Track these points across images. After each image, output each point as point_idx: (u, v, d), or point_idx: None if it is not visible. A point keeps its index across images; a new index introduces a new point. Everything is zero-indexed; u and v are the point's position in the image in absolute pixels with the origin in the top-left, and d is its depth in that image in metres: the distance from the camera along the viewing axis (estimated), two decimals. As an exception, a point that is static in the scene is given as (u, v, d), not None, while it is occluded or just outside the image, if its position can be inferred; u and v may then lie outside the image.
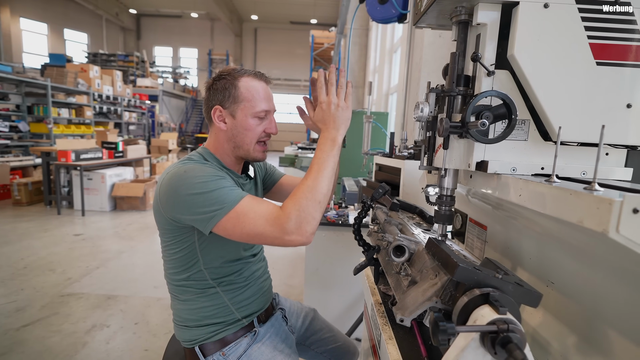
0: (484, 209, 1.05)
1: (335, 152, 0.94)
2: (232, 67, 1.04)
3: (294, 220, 0.84)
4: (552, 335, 0.74)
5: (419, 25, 0.94)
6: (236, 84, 0.99)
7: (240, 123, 1.00)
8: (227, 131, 1.01)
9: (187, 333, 1.05)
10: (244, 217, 0.86)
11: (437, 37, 1.82)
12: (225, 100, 0.99)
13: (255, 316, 1.10)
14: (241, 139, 1.02)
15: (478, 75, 0.78)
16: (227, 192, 0.88)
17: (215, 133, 1.04)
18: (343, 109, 0.96)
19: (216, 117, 1.01)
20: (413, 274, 0.74)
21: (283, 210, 0.85)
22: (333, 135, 0.94)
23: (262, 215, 0.85)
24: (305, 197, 0.86)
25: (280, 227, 0.84)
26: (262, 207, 0.87)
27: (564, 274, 0.73)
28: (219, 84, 0.99)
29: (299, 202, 0.85)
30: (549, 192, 0.61)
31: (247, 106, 1.00)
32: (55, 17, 15.63)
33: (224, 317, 1.04)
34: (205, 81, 1.05)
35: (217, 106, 1.00)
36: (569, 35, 0.71)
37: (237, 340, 1.04)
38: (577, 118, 0.73)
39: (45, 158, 5.44)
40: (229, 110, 1.00)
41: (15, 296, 2.77)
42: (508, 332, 0.51)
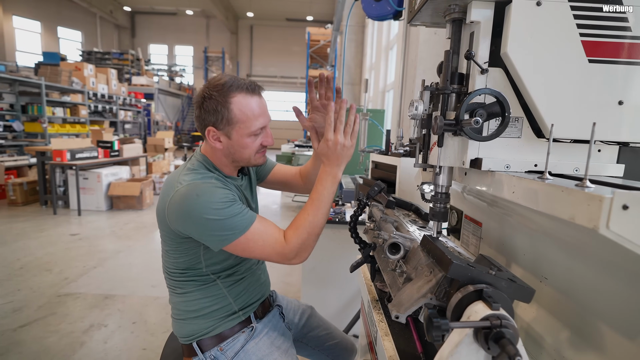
0: (479, 206, 1.06)
1: (335, 187, 1.02)
2: (220, 80, 0.96)
3: (296, 251, 0.97)
4: (545, 330, 0.75)
5: (414, 23, 0.94)
6: (228, 106, 0.94)
7: (236, 142, 0.99)
8: (224, 149, 1.01)
9: (185, 327, 1.05)
10: (253, 243, 0.94)
11: (433, 34, 1.82)
12: (219, 122, 0.96)
13: (253, 310, 1.11)
14: (239, 155, 1.02)
15: (472, 73, 0.78)
16: (239, 219, 0.93)
17: (211, 146, 1.02)
18: (348, 148, 1.00)
19: (211, 137, 0.99)
20: (408, 271, 0.74)
21: (287, 243, 0.96)
22: (335, 172, 1.01)
23: (270, 244, 0.95)
24: (307, 232, 0.98)
25: (283, 256, 0.96)
26: (269, 234, 0.96)
27: (557, 270, 0.74)
28: (210, 105, 0.94)
29: (301, 237, 0.97)
30: (541, 189, 0.62)
31: (242, 127, 0.97)
32: (49, 15, 15.47)
33: (222, 309, 1.05)
34: (196, 94, 1.01)
35: (211, 127, 0.97)
36: (561, 32, 0.72)
37: (234, 335, 1.05)
38: (570, 115, 0.74)
39: (40, 158, 5.40)
40: (223, 132, 0.98)
41: (12, 297, 2.76)
42: (501, 327, 0.51)
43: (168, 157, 8.53)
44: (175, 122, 17.84)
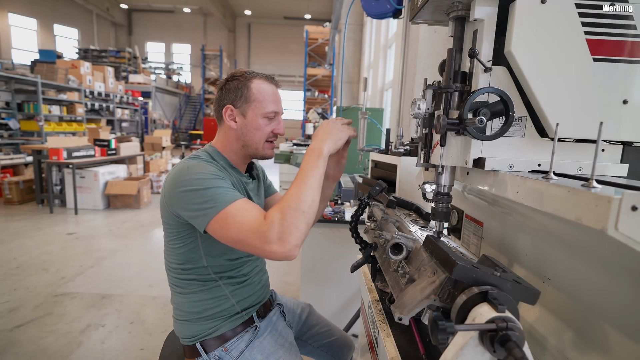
0: (480, 206, 1.05)
1: (320, 163, 0.93)
2: (245, 69, 1.07)
3: (276, 228, 0.82)
4: (548, 331, 0.74)
5: (415, 20, 0.93)
6: (248, 85, 1.03)
7: (250, 122, 1.04)
8: (237, 130, 1.05)
9: (188, 328, 1.04)
10: (231, 220, 0.85)
11: (433, 32, 1.81)
12: (237, 99, 1.03)
13: (255, 310, 1.11)
14: (250, 137, 1.06)
15: (475, 71, 0.77)
16: (222, 192, 0.89)
17: (225, 132, 1.07)
18: (336, 125, 1.01)
19: (227, 116, 1.04)
20: (411, 272, 0.73)
21: (266, 218, 0.84)
22: (318, 146, 0.96)
23: (248, 221, 0.84)
24: (288, 206, 0.85)
25: (262, 235, 0.82)
26: (251, 213, 0.86)
27: (560, 270, 0.73)
28: (232, 84, 1.03)
29: (282, 210, 0.84)
30: (546, 189, 0.61)
31: (258, 106, 1.04)
32: (45, 12, 15.35)
33: (225, 310, 1.05)
34: (217, 81, 1.10)
35: (229, 105, 1.04)
36: (565, 31, 0.71)
37: (238, 335, 1.05)
38: (574, 114, 0.73)
39: (36, 156, 5.36)
40: (240, 110, 1.04)
41: (8, 296, 2.73)
42: (507, 330, 0.51)
43: (165, 155, 8.49)
44: (172, 120, 17.77)
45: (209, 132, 13.96)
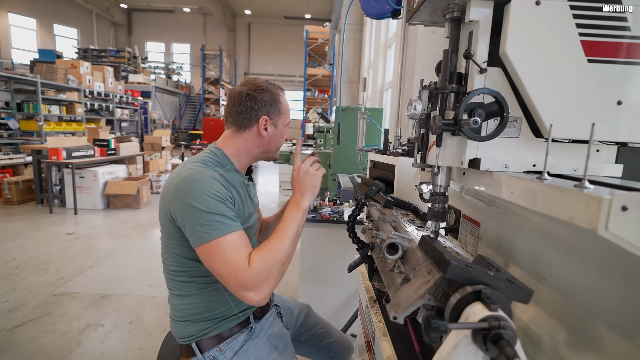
0: (477, 206, 1.06)
1: (300, 215, 1.02)
2: (263, 80, 1.14)
3: (255, 278, 0.88)
4: (543, 331, 0.75)
5: (412, 21, 0.94)
6: (279, 98, 1.13)
7: (279, 132, 1.15)
8: (266, 138, 1.11)
9: (185, 328, 1.05)
10: (219, 254, 0.89)
11: (431, 33, 1.81)
12: (272, 111, 1.11)
13: (252, 311, 1.11)
14: (275, 144, 1.15)
15: (470, 72, 0.78)
16: (221, 220, 0.91)
17: (248, 138, 1.10)
18: (308, 175, 1.06)
19: (261, 125, 1.10)
20: (406, 272, 0.74)
21: (250, 266, 0.89)
22: (298, 200, 1.04)
23: (233, 261, 0.89)
24: (272, 256, 0.92)
25: (241, 282, 0.88)
26: (239, 253, 0.90)
27: (555, 270, 0.73)
28: (265, 96, 1.09)
29: (265, 262, 0.90)
30: (540, 190, 0.62)
31: (284, 117, 1.15)
32: (45, 12, 15.35)
33: (222, 312, 1.05)
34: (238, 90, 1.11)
35: (265, 116, 1.10)
36: (560, 32, 0.71)
37: (233, 336, 1.06)
38: (568, 115, 0.74)
39: (36, 156, 5.36)
40: (273, 121, 1.12)
41: (7, 296, 2.74)
42: (499, 329, 0.51)
43: (165, 155, 8.49)
44: (172, 120, 17.77)
45: (208, 132, 13.96)
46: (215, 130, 13.95)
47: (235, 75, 20.61)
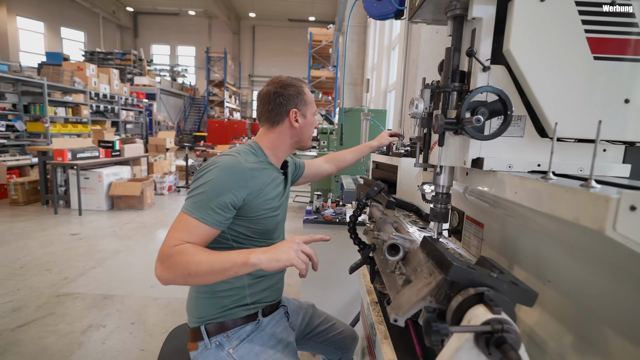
0: (480, 207, 1.04)
1: (239, 264, 0.87)
2: (286, 77, 1.20)
3: (167, 257, 0.89)
4: (549, 335, 0.73)
5: (414, 20, 0.93)
6: (304, 90, 1.20)
7: (308, 121, 1.21)
8: (298, 129, 1.18)
9: (199, 306, 1.09)
10: (177, 223, 0.94)
11: (434, 33, 1.80)
12: (299, 103, 1.18)
13: (262, 307, 1.15)
14: (307, 134, 1.22)
15: (473, 70, 0.77)
16: (205, 208, 0.95)
17: (281, 132, 1.17)
18: (290, 252, 0.89)
19: (292, 118, 1.17)
20: (407, 273, 0.72)
21: (175, 246, 0.90)
22: (253, 255, 0.88)
23: (174, 235, 0.92)
24: (187, 261, 0.87)
25: (161, 251, 0.91)
26: (183, 236, 0.92)
27: (560, 272, 0.72)
28: (291, 91, 1.16)
29: (182, 256, 0.88)
30: (545, 189, 0.60)
31: (311, 107, 1.22)
32: (52, 16, 15.54)
33: (236, 296, 1.10)
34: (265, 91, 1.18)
35: (294, 109, 1.17)
36: (565, 29, 0.70)
37: (241, 325, 1.10)
38: (574, 114, 0.72)
39: (41, 157, 5.40)
40: (301, 112, 1.19)
41: (11, 296, 2.75)
42: (502, 332, 0.49)
43: (169, 157, 8.53)
44: (177, 122, 17.86)
45: (212, 134, 14.02)
46: (219, 132, 14.01)
47: (239, 77, 20.69)
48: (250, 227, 1.08)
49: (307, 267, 0.91)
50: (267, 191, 1.09)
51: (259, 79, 21.42)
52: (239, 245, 1.08)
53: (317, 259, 0.95)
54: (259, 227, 1.10)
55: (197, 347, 1.07)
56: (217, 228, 0.97)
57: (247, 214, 1.05)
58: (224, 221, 0.98)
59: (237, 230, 1.07)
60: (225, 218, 0.98)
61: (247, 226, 1.07)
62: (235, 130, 14.02)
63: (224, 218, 0.98)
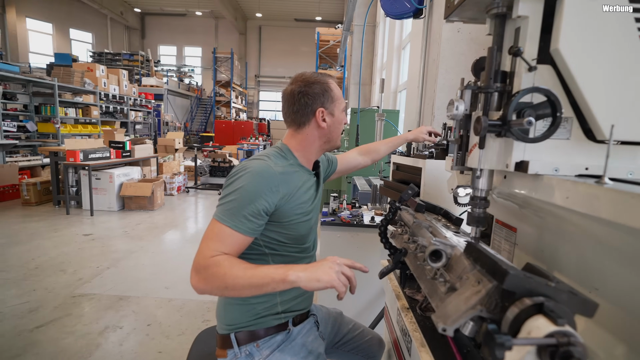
0: (512, 210, 1.01)
1: (277, 281, 0.86)
2: (310, 73, 1.14)
3: (204, 268, 0.88)
4: (597, 345, 0.70)
5: (451, 19, 0.90)
6: (330, 87, 1.12)
7: (337, 119, 1.15)
8: (326, 128, 1.13)
9: (229, 313, 1.06)
10: (210, 231, 0.93)
11: (456, 32, 1.77)
12: (326, 101, 1.11)
13: (293, 316, 1.12)
14: (336, 132, 1.16)
15: (517, 70, 0.74)
16: (238, 216, 0.93)
17: (308, 133, 1.12)
18: (329, 268, 0.88)
19: (319, 118, 1.11)
20: (452, 280, 0.70)
21: (212, 258, 0.89)
22: (292, 273, 0.85)
23: (208, 245, 0.91)
24: (224, 274, 0.86)
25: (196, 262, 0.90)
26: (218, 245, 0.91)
27: (610, 280, 0.69)
28: (317, 88, 1.10)
29: (219, 269, 0.87)
30: (603, 195, 0.57)
31: (339, 103, 1.15)
32: (61, 17, 15.71)
33: (267, 304, 1.06)
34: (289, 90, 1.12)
35: (321, 108, 1.10)
36: (617, 27, 0.67)
37: (271, 335, 1.07)
38: (626, 115, 0.69)
39: (53, 158, 5.45)
40: (329, 110, 1.12)
41: (27, 297, 2.77)
42: (569, 345, 0.47)
43: (178, 157, 8.57)
44: (184, 122, 17.96)
45: (220, 134, 14.07)
46: (226, 132, 14.06)
47: (246, 77, 20.73)
48: (283, 232, 1.05)
49: (346, 290, 0.89)
50: (299, 195, 1.06)
51: (266, 79, 21.44)
52: (271, 252, 1.06)
53: (356, 282, 0.91)
54: (291, 233, 1.07)
55: (226, 355, 1.05)
56: (250, 236, 0.95)
57: (280, 219, 1.02)
58: (257, 228, 0.97)
59: (270, 237, 1.04)
60: (258, 225, 0.97)
61: (280, 231, 1.05)
62: (242, 130, 14.05)
63: (257, 225, 0.96)
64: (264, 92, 22.03)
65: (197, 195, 7.10)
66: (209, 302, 2.72)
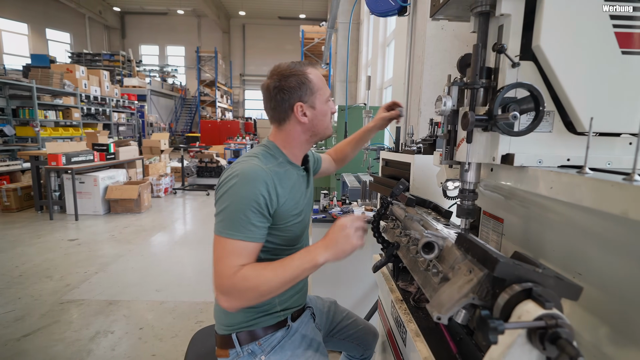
0: (498, 202, 1.05)
1: (309, 268, 0.90)
2: (287, 63, 1.07)
3: (230, 289, 0.88)
4: (582, 327, 0.74)
5: (437, 17, 0.93)
6: (308, 77, 1.04)
7: (319, 111, 1.08)
8: (308, 123, 1.07)
9: (228, 315, 1.05)
10: (220, 249, 0.90)
11: (440, 29, 1.80)
12: (305, 94, 1.04)
13: (291, 312, 1.13)
14: (320, 125, 1.09)
15: (502, 67, 0.77)
16: (241, 222, 0.91)
17: (290, 129, 1.07)
18: (348, 238, 0.92)
19: (298, 113, 1.05)
20: (444, 271, 0.73)
21: (232, 275, 0.87)
22: (317, 253, 0.90)
23: (225, 264, 0.88)
24: (256, 283, 0.87)
25: (218, 285, 0.89)
26: (235, 260, 0.89)
27: (592, 265, 0.72)
28: (293, 82, 1.03)
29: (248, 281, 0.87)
30: (585, 184, 0.61)
31: (321, 94, 1.07)
32: (36, 17, 15.22)
33: (267, 305, 1.07)
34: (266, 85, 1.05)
35: (299, 102, 1.04)
36: (594, 24, 0.71)
37: (272, 332, 1.08)
38: (604, 108, 0.73)
39: (34, 162, 5.30)
40: (308, 103, 1.05)
41: (13, 305, 2.70)
42: (557, 327, 0.50)
43: (164, 159, 8.44)
44: (168, 123, 17.67)
45: (206, 135, 13.90)
46: (212, 132, 13.90)
47: (230, 76, 20.53)
48: (280, 235, 1.03)
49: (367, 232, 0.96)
50: (293, 195, 1.04)
51: (251, 78, 21.28)
52: (266, 258, 1.03)
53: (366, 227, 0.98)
54: (287, 235, 1.05)
55: (228, 355, 1.05)
56: (262, 242, 0.95)
57: (277, 222, 1.00)
58: (265, 231, 0.96)
59: (269, 240, 1.01)
60: (265, 228, 0.96)
61: (277, 234, 1.03)
62: (229, 130, 13.92)
63: (265, 228, 0.96)
64: (250, 91, 21.87)
65: (185, 197, 7.02)
66: (202, 303, 2.71)
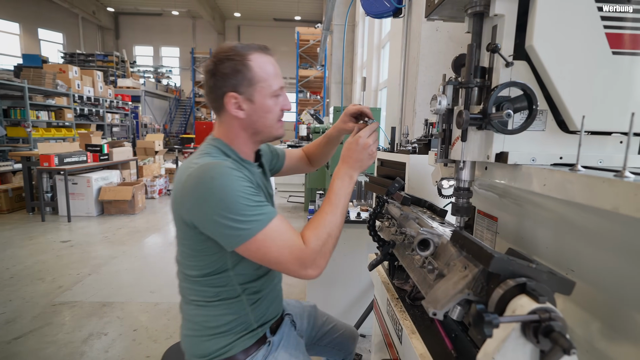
0: (493, 200, 1.06)
1: (351, 189, 0.96)
2: (231, 44, 0.92)
3: (315, 255, 0.85)
4: (574, 322, 0.75)
5: (431, 17, 0.94)
6: (247, 63, 0.89)
7: (259, 107, 0.92)
8: (245, 118, 0.93)
9: (201, 345, 0.96)
10: (270, 242, 0.82)
11: (434, 30, 1.82)
12: (239, 84, 0.89)
13: (269, 325, 1.05)
14: (262, 123, 0.95)
15: (495, 66, 0.78)
16: (258, 212, 0.82)
17: (229, 123, 0.94)
18: (369, 149, 0.96)
19: (232, 106, 0.90)
20: (440, 267, 0.73)
21: (306, 244, 0.85)
22: (352, 173, 0.95)
23: (288, 245, 0.84)
24: (327, 232, 0.87)
25: (302, 261, 0.84)
26: (290, 235, 0.85)
27: (584, 261, 0.74)
28: (227, 67, 0.88)
29: (321, 237, 0.86)
30: (577, 181, 0.62)
31: (264, 87, 0.92)
32: (28, 16, 15.05)
33: (242, 325, 0.98)
34: (203, 65, 0.93)
35: (231, 93, 0.89)
36: (585, 24, 0.72)
37: (252, 353, 0.98)
38: (595, 107, 0.74)
39: (25, 163, 5.23)
40: (245, 96, 0.90)
41: (3, 307, 2.66)
42: (550, 320, 0.51)
43: (159, 160, 8.38)
44: (163, 124, 17.57)
45: (201, 136, 13.84)
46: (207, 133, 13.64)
47: (225, 78, 20.43)
48: None
49: None
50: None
51: (246, 79, 21.22)
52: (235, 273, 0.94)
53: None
54: None
55: None
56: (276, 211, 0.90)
57: None
58: None
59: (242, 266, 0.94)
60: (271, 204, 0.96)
61: None
62: (223, 131, 13.85)
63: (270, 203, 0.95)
64: (245, 92, 21.78)
65: (179, 198, 6.96)
66: (196, 304, 2.67)
